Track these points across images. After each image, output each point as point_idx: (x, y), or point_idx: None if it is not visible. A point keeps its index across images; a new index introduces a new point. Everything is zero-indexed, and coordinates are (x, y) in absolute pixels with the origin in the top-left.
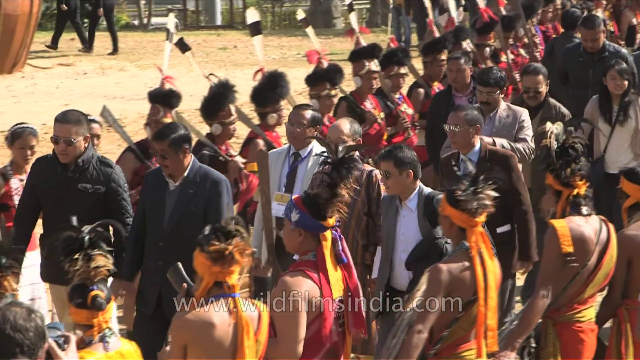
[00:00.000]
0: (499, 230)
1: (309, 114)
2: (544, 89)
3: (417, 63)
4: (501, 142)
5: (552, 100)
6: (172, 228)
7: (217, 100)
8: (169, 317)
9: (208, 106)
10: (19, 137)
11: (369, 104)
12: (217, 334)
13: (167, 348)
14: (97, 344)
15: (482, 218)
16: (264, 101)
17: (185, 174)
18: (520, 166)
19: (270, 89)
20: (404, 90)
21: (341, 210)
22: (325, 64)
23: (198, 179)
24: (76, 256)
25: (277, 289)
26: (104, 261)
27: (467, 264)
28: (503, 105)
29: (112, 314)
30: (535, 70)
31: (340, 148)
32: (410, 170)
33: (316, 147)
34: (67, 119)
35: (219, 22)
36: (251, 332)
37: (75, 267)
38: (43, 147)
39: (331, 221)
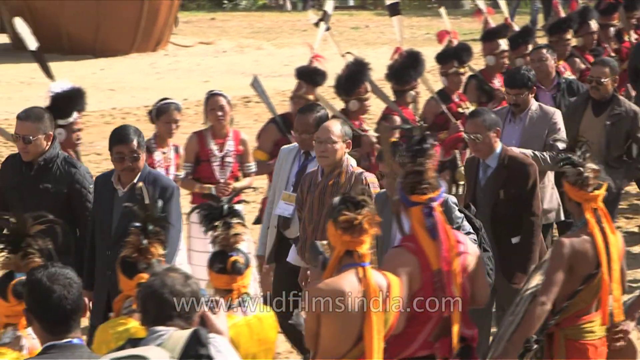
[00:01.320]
0: (514, 240)
1: (313, 119)
2: (608, 82)
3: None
4: (524, 153)
5: (621, 97)
6: (120, 236)
7: (354, 77)
8: None
9: (345, 83)
10: (164, 112)
11: (497, 82)
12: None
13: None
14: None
15: (596, 192)
16: (404, 79)
17: (135, 179)
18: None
19: (410, 66)
20: None
21: (433, 185)
22: (455, 43)
23: (147, 185)
24: (216, 224)
25: (382, 265)
26: (242, 229)
27: (587, 238)
28: (534, 105)
29: (250, 279)
30: (603, 61)
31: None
32: None
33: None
34: (28, 116)
35: (351, 2)
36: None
37: (215, 234)
38: (185, 122)
39: (424, 197)
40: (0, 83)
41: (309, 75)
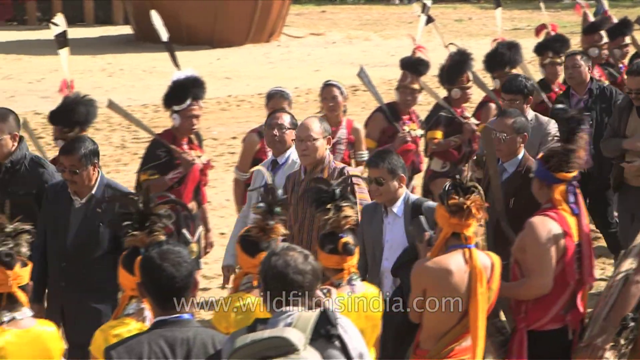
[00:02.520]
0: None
1: (287, 117)
2: None
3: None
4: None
5: None
6: (77, 248)
7: (457, 67)
8: (72, 340)
9: (449, 72)
10: (272, 98)
11: (596, 73)
12: (454, 280)
13: None
14: (344, 286)
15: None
16: (500, 68)
17: (92, 191)
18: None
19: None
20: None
21: (578, 164)
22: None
23: (106, 196)
24: (328, 206)
25: (526, 231)
26: (351, 212)
27: None
28: (530, 114)
29: (354, 260)
30: (638, 71)
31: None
32: (403, 176)
33: (294, 153)
34: None
35: None
36: (484, 279)
37: (326, 217)
38: (295, 109)
39: (569, 175)
40: (124, 72)
41: (413, 66)
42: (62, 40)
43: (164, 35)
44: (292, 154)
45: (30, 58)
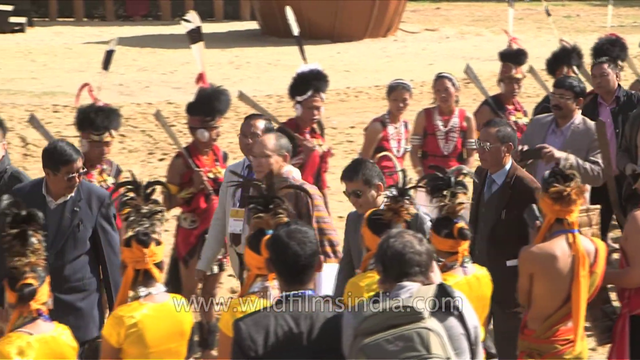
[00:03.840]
0: (509, 263)
1: (261, 124)
2: None
3: None
4: (567, 158)
5: None
6: (59, 249)
7: (562, 61)
8: None
9: (554, 64)
10: (394, 90)
11: None
12: (559, 264)
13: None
14: (457, 268)
15: None
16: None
17: (72, 193)
18: (587, 187)
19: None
20: None
21: None
22: None
23: (82, 196)
24: (444, 193)
25: (629, 222)
26: (465, 198)
27: None
28: (579, 118)
29: (467, 245)
30: None
31: None
32: (380, 184)
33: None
34: None
35: None
36: (587, 264)
37: (442, 203)
38: (410, 101)
39: None
40: (250, 64)
41: (514, 56)
42: (196, 35)
43: (295, 30)
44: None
45: (164, 51)
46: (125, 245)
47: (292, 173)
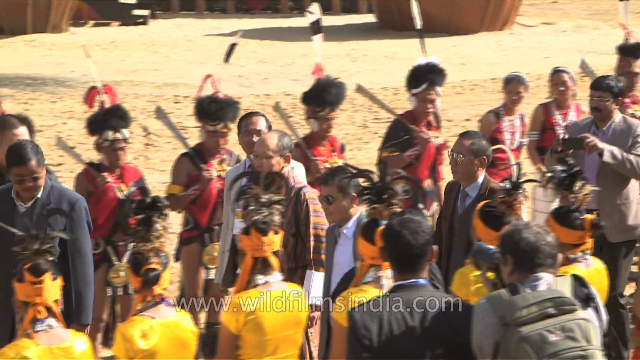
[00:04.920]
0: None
1: (262, 121)
2: None
3: None
4: (611, 149)
5: None
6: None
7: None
8: None
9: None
10: (509, 82)
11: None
12: None
13: None
14: (580, 261)
15: None
16: None
17: (38, 195)
18: (631, 182)
19: None
20: None
21: None
22: None
23: (52, 199)
24: (574, 184)
25: None
26: (588, 189)
27: None
28: (618, 117)
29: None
30: None
31: None
32: (355, 194)
33: (297, 167)
34: (4, 126)
35: None
36: None
37: (571, 195)
38: (526, 94)
39: None
40: (366, 57)
41: (632, 50)
42: (316, 27)
43: (419, 23)
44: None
45: (283, 44)
46: (245, 234)
47: (293, 173)
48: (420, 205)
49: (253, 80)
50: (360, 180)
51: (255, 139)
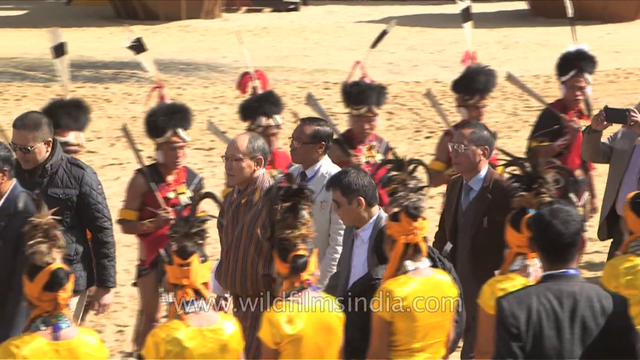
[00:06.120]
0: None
1: (310, 129)
2: None
3: None
4: None
5: None
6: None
7: None
8: None
9: None
10: None
11: None
12: None
13: None
14: None
15: None
16: None
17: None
18: None
19: None
20: None
21: None
22: None
23: (12, 211)
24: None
25: None
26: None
27: None
28: None
29: None
30: None
31: None
32: (361, 197)
33: (325, 165)
34: (24, 125)
35: None
36: None
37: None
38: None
39: None
40: (518, 44)
41: None
42: (466, 14)
43: (570, 10)
44: (322, 166)
45: (433, 30)
46: (393, 220)
47: (267, 178)
48: (572, 195)
49: (403, 67)
50: (512, 169)
51: (296, 145)
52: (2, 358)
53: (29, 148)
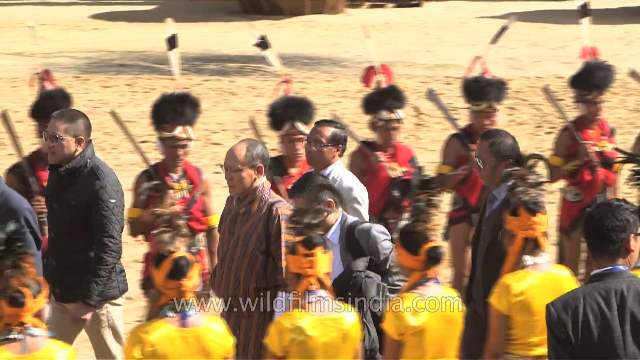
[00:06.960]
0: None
1: (328, 131)
2: None
3: None
4: None
5: None
6: None
7: None
8: None
9: None
10: None
11: None
12: None
13: None
14: None
15: None
16: None
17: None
18: None
19: None
20: None
21: None
22: None
23: None
24: None
25: None
26: None
27: None
28: None
29: None
30: None
31: None
32: (330, 200)
33: (336, 169)
34: (61, 115)
35: None
36: None
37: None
38: None
39: None
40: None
41: None
42: (584, 10)
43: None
44: (334, 170)
45: (555, 26)
46: (512, 215)
47: (267, 188)
48: None
49: (524, 62)
50: (632, 165)
51: (314, 148)
52: (132, 344)
53: (57, 136)
